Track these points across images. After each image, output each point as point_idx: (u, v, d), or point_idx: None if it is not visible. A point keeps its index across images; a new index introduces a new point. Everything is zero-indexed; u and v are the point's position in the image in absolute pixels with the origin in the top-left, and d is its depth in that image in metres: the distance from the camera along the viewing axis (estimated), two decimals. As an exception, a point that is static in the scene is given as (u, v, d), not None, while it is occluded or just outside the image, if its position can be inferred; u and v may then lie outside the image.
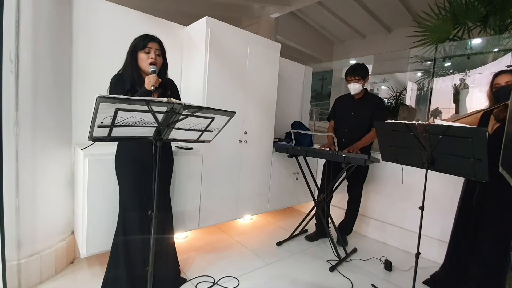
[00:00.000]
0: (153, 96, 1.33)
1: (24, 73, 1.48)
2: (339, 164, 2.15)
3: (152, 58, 1.45)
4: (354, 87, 2.27)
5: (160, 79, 1.40)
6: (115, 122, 0.99)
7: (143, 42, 1.46)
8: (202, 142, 1.34)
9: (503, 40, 2.90)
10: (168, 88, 1.58)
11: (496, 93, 1.52)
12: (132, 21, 2.08)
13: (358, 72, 2.25)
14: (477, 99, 3.08)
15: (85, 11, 1.88)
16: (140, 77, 1.46)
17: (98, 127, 0.97)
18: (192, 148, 2.10)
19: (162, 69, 1.53)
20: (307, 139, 2.91)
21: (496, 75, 1.57)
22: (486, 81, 1.65)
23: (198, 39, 2.16)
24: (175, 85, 1.66)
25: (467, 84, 3.30)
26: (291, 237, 2.56)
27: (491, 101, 1.60)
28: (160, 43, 1.52)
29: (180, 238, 2.37)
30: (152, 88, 1.34)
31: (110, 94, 1.44)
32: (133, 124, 1.05)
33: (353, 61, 4.33)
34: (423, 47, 3.37)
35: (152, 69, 1.41)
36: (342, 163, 2.04)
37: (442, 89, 3.46)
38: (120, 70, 1.52)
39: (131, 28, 2.05)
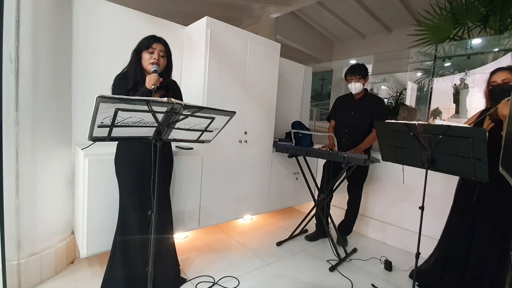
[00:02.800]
0: (154, 96, 1.34)
1: (24, 73, 1.48)
2: (339, 164, 2.15)
3: (154, 58, 1.46)
4: (355, 86, 2.27)
5: (161, 79, 1.41)
6: (115, 122, 0.99)
7: (147, 42, 1.48)
8: (202, 142, 1.34)
9: (503, 40, 2.90)
10: (170, 89, 1.58)
11: (492, 90, 1.51)
12: (132, 21, 2.08)
13: (359, 71, 2.25)
14: (477, 99, 3.08)
15: (85, 11, 1.88)
16: (143, 77, 1.47)
17: (98, 127, 0.97)
18: (192, 148, 2.10)
19: (165, 71, 1.54)
20: (307, 139, 2.91)
21: (493, 72, 1.54)
22: (486, 80, 1.64)
23: (198, 39, 2.16)
24: (178, 87, 1.67)
25: (467, 84, 3.30)
26: (291, 237, 2.56)
27: (487, 99, 1.59)
28: (165, 44, 1.53)
29: (180, 238, 2.37)
30: (153, 87, 1.35)
31: (113, 92, 1.46)
32: (133, 124, 1.05)
33: (353, 61, 4.33)
34: (423, 47, 3.37)
35: (154, 69, 1.42)
36: (342, 163, 2.04)
37: (442, 89, 3.46)
38: (124, 69, 1.53)
39: (131, 28, 2.05)
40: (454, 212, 1.78)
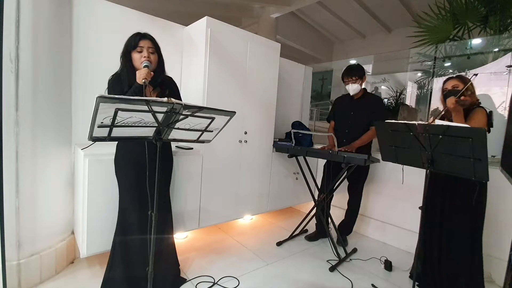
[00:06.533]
0: (146, 91, 1.32)
1: (24, 73, 1.48)
2: (339, 164, 2.15)
3: (145, 57, 1.43)
4: (353, 88, 2.28)
5: (152, 73, 1.38)
6: (115, 122, 0.99)
7: (134, 41, 1.44)
8: (202, 142, 1.34)
9: (503, 40, 2.89)
10: (166, 86, 1.56)
11: (445, 95, 1.72)
12: (132, 21, 2.08)
13: (355, 72, 2.26)
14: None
15: (85, 11, 1.88)
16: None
17: (98, 127, 0.97)
18: (192, 148, 2.10)
19: (158, 66, 1.50)
20: (307, 139, 2.91)
21: (445, 81, 1.80)
22: (486, 81, 1.77)
23: (198, 39, 2.16)
24: (175, 83, 1.63)
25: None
26: (291, 237, 2.56)
27: (443, 103, 1.78)
28: (152, 39, 1.49)
29: (180, 238, 2.37)
30: (143, 81, 1.31)
31: (108, 93, 1.44)
32: (133, 124, 1.05)
33: (353, 61, 4.33)
34: (423, 47, 3.37)
35: (145, 64, 1.38)
36: (342, 163, 2.04)
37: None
38: (117, 71, 1.50)
39: (131, 28, 2.02)
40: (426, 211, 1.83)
